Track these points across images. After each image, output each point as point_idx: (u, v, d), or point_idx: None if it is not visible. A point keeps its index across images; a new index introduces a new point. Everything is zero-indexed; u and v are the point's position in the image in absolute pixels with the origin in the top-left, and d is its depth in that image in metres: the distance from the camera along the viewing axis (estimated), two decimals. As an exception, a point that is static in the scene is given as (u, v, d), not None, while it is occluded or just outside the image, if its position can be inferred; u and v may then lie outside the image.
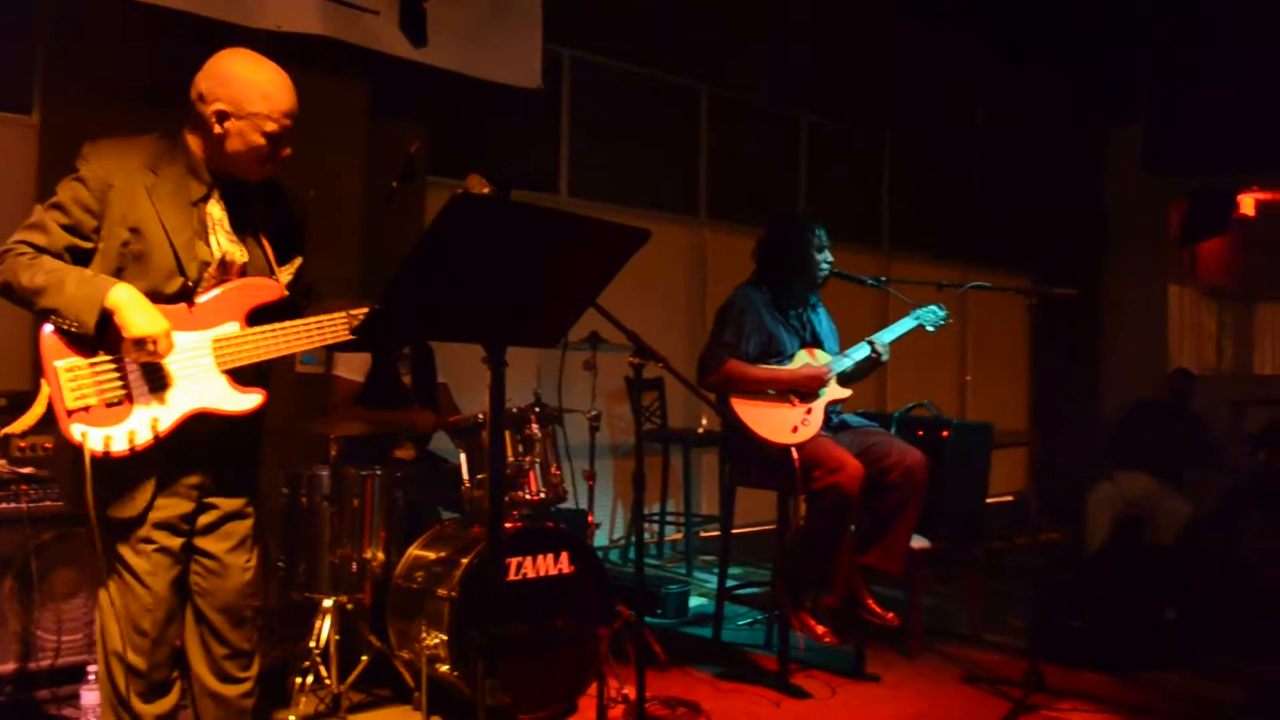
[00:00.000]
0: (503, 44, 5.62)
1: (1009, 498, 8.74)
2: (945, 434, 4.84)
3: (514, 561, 3.66)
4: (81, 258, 2.43)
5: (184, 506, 2.55)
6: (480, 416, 3.96)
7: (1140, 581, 4.99)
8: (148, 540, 2.48)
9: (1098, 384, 9.96)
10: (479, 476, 3.91)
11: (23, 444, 3.60)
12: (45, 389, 2.36)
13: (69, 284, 2.32)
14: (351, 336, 2.57)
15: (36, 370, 4.47)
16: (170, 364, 2.42)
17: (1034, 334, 9.24)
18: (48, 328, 2.36)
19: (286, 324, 2.54)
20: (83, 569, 3.61)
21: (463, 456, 4.00)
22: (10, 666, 3.46)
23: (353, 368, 4.42)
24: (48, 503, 3.54)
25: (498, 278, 2.30)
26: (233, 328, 2.51)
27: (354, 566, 3.82)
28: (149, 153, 2.52)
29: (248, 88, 2.47)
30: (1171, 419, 6.88)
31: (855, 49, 7.91)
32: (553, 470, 4.02)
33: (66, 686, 3.49)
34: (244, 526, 2.68)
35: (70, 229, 2.42)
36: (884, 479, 4.14)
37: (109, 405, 2.36)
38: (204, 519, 2.61)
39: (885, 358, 4.34)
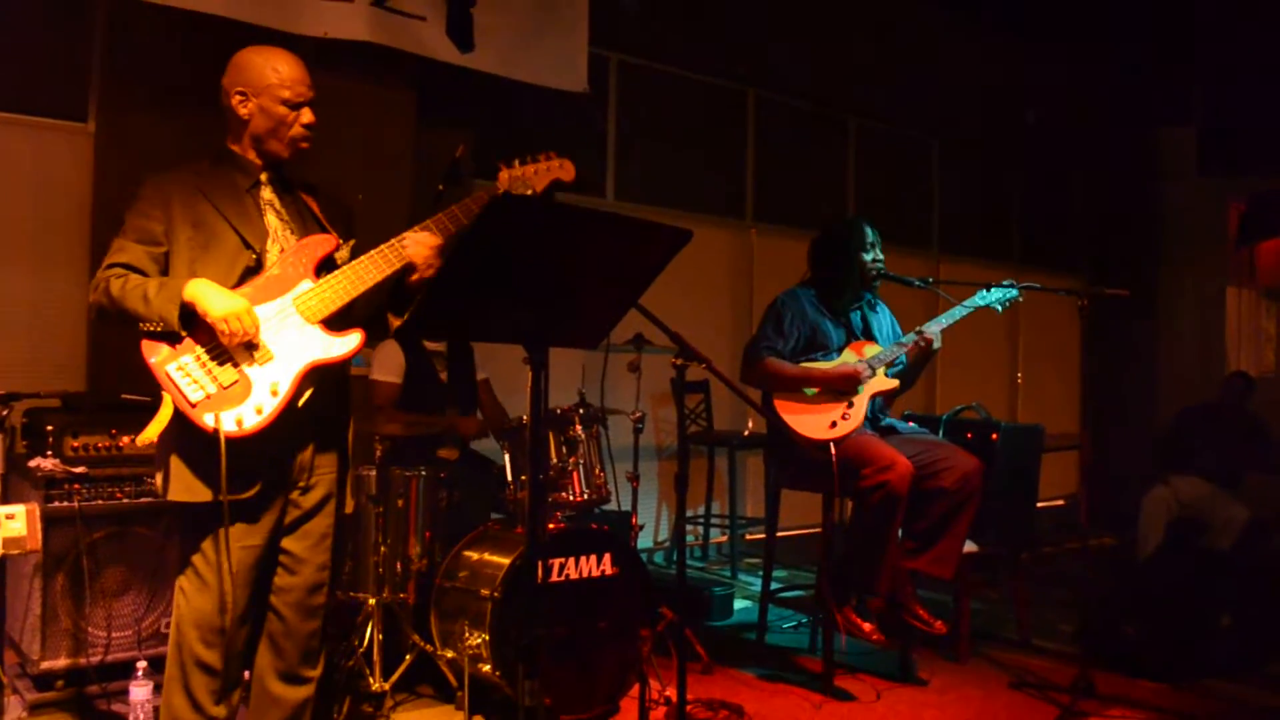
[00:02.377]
0: (549, 48, 5.64)
1: (1060, 502, 8.61)
2: (995, 436, 4.79)
3: (557, 563, 3.66)
4: (164, 264, 2.60)
5: (272, 505, 2.65)
6: (524, 418, 3.97)
7: (1195, 588, 4.89)
8: (230, 536, 2.55)
9: (1152, 386, 9.78)
10: (523, 477, 3.93)
11: (75, 443, 3.67)
12: (167, 398, 2.51)
13: (150, 290, 2.49)
14: (410, 257, 2.68)
15: (90, 375, 4.60)
16: (265, 335, 2.55)
17: (1086, 336, 9.08)
18: (150, 356, 2.48)
19: (353, 263, 2.66)
20: (133, 567, 3.68)
21: (507, 457, 4.02)
22: (62, 662, 3.53)
23: (389, 370, 4.44)
24: (99, 501, 3.61)
25: (539, 278, 2.30)
26: (306, 284, 2.64)
27: (398, 566, 3.85)
28: (193, 167, 2.71)
29: (258, 66, 2.69)
30: (1229, 422, 6.75)
31: (903, 50, 7.85)
32: (596, 472, 4.03)
33: (116, 682, 3.55)
34: (324, 524, 2.77)
35: (142, 239, 2.58)
36: (939, 484, 4.09)
37: (226, 388, 2.49)
38: (288, 518, 2.71)
39: (936, 345, 4.24)
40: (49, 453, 3.68)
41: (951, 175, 8.95)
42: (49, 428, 3.70)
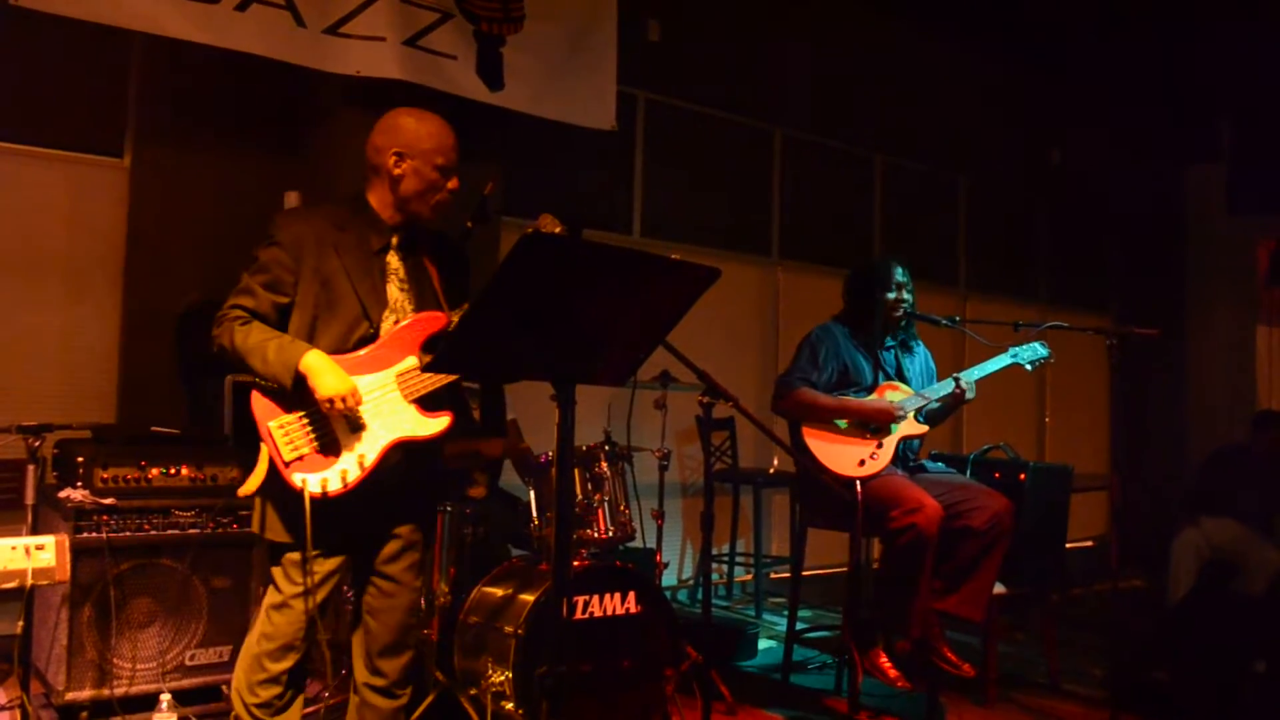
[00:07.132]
0: (577, 86, 5.68)
1: (1089, 543, 8.51)
2: (1023, 476, 4.74)
3: (581, 600, 3.64)
4: (284, 312, 2.73)
5: (335, 559, 2.77)
6: (549, 453, 3.97)
7: (1228, 632, 4.81)
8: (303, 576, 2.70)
9: (1182, 427, 9.68)
10: (548, 514, 3.92)
11: (105, 475, 3.69)
12: (264, 449, 2.64)
13: (270, 351, 2.61)
14: None
15: (121, 407, 4.64)
16: (363, 407, 2.68)
17: (1115, 375, 9.02)
18: (257, 410, 2.63)
19: None
20: (159, 599, 3.69)
21: (532, 494, 4.01)
22: (86, 693, 3.53)
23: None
24: (127, 533, 3.63)
25: (568, 316, 2.31)
26: (411, 361, 2.76)
27: (422, 601, 3.84)
28: (334, 214, 2.81)
29: (417, 130, 2.80)
30: (1261, 463, 6.65)
31: (930, 88, 7.86)
32: (621, 509, 4.01)
33: (139, 714, 3.55)
34: (418, 553, 2.94)
35: (270, 286, 2.71)
36: (968, 524, 4.05)
37: (319, 452, 2.64)
38: (388, 549, 2.85)
39: (970, 395, 4.26)
40: (79, 484, 3.70)
41: (978, 213, 8.93)
42: (79, 459, 3.73)
